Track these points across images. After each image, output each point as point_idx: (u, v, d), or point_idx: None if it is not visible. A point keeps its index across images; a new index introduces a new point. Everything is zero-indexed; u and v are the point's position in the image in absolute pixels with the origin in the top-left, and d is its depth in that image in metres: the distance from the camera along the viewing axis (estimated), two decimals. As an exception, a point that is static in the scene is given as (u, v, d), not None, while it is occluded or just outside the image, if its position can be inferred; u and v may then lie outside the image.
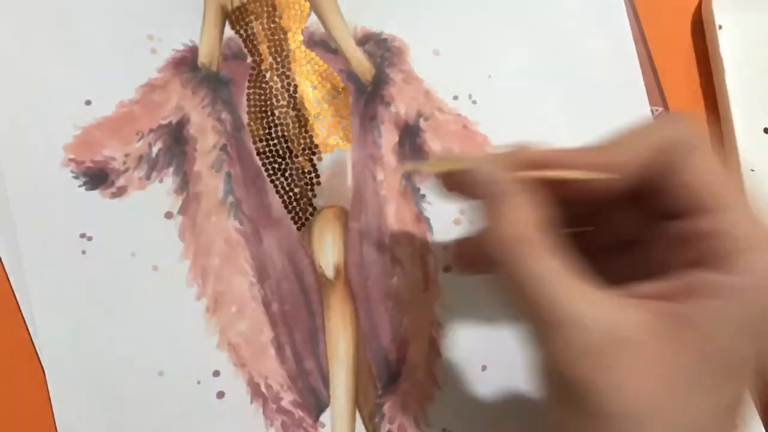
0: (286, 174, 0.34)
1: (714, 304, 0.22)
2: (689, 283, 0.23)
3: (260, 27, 0.34)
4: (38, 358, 0.32)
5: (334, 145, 0.34)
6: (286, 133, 0.34)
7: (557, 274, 0.23)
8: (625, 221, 0.28)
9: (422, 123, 0.35)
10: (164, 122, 0.34)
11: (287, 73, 0.34)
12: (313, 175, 0.34)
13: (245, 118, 0.34)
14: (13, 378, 0.32)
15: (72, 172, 0.33)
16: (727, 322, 0.22)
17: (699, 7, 0.37)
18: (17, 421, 0.32)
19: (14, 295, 0.32)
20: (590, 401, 0.22)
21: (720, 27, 0.36)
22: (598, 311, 0.22)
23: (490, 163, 0.26)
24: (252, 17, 0.34)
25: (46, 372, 0.32)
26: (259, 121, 0.34)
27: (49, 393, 0.32)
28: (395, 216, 0.34)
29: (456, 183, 0.28)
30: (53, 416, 0.32)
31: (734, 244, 0.22)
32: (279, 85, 0.34)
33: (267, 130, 0.34)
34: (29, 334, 0.32)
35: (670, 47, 0.37)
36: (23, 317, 0.32)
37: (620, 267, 0.28)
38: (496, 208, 0.25)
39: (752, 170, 0.35)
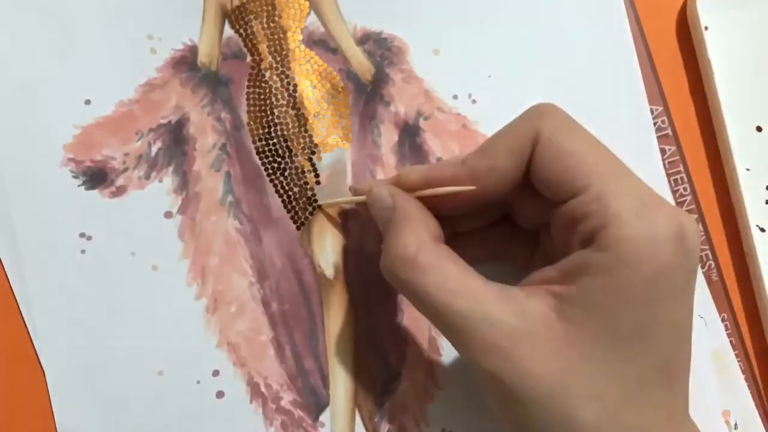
0: (286, 173, 0.34)
1: (592, 282, 0.24)
2: (574, 264, 0.24)
3: (260, 26, 0.34)
4: (37, 357, 0.32)
5: (333, 144, 0.34)
6: (285, 133, 0.34)
7: (450, 282, 0.25)
8: (535, 210, 0.29)
9: (422, 122, 0.35)
10: (164, 122, 0.34)
11: (287, 72, 0.34)
12: (312, 174, 0.34)
13: (245, 118, 0.34)
14: (13, 378, 0.32)
15: (71, 171, 0.33)
16: (608, 296, 0.23)
17: (684, 8, 0.37)
18: (17, 421, 0.32)
19: (14, 295, 0.32)
20: (504, 391, 0.24)
21: (706, 28, 0.36)
22: (497, 308, 0.24)
23: (383, 190, 0.28)
24: (251, 16, 0.34)
25: (45, 372, 0.32)
26: (258, 121, 0.34)
27: (48, 392, 0.32)
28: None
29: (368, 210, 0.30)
30: (53, 416, 0.32)
31: (600, 222, 0.24)
32: (278, 84, 0.34)
33: (266, 130, 0.34)
34: (29, 334, 0.32)
35: (656, 48, 0.36)
36: (23, 318, 0.32)
37: (545, 252, 0.30)
38: (388, 230, 0.27)
39: (747, 169, 0.35)
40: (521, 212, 0.30)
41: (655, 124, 0.36)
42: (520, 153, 0.26)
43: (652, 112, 0.36)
